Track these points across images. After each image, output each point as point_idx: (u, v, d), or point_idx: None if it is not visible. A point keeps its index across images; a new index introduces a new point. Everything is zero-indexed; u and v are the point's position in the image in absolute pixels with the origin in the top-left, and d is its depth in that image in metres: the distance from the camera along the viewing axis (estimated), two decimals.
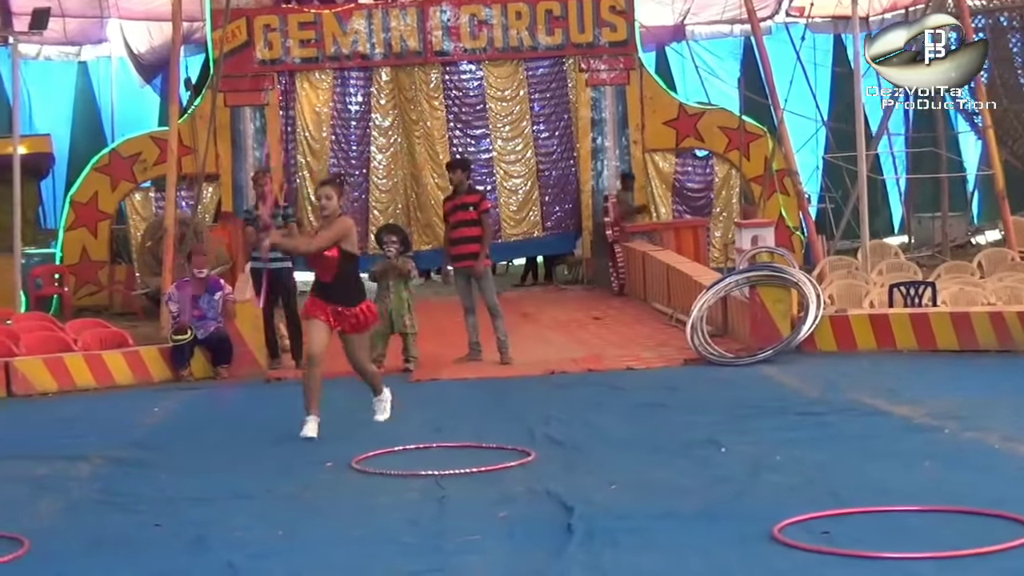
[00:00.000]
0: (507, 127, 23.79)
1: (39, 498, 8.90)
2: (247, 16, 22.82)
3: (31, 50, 25.56)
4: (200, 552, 7.29)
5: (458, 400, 12.52)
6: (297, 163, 23.45)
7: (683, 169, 23.83)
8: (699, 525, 7.33)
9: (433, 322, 16.16)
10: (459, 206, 14.66)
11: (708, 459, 9.19)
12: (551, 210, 23.93)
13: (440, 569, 6.77)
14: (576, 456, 9.49)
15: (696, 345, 14.12)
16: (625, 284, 20.84)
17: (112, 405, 13.25)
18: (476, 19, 23.32)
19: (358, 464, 9.40)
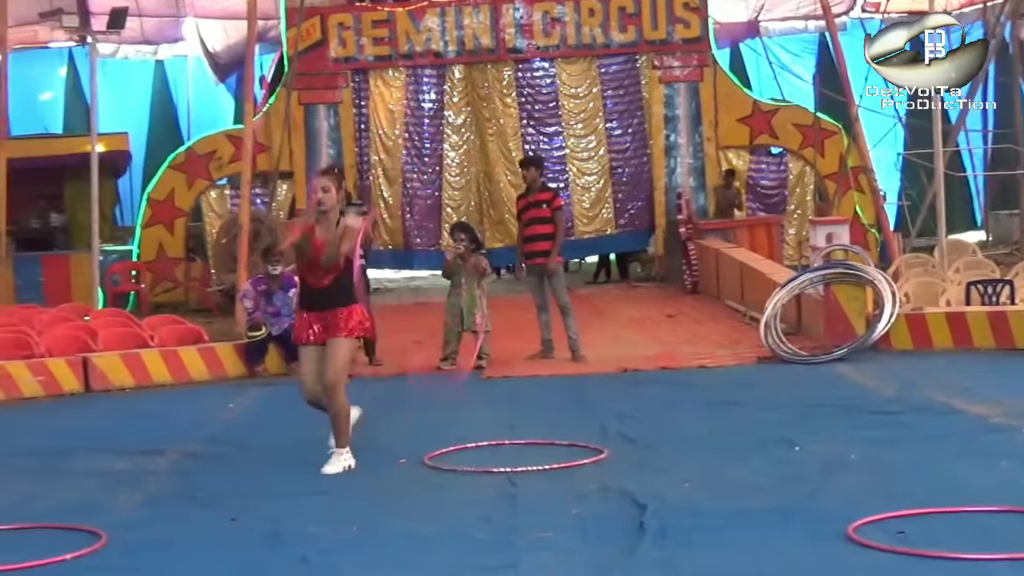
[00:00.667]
0: (580, 124, 23.77)
1: (117, 492, 8.99)
2: (321, 14, 22.96)
3: (109, 49, 25.85)
4: (274, 546, 7.34)
5: (531, 397, 12.51)
6: (370, 161, 23.55)
7: (757, 166, 23.72)
8: (773, 524, 7.28)
9: (506, 319, 16.17)
10: (532, 204, 14.65)
11: (782, 458, 9.13)
12: (624, 207, 23.89)
13: (512, 565, 6.77)
14: (649, 454, 9.46)
15: (770, 343, 14.04)
16: (698, 282, 20.76)
17: (188, 401, 13.37)
18: (549, 16, 23.32)
19: (431, 461, 9.42)
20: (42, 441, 11.28)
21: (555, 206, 14.62)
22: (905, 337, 14.23)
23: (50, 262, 21.78)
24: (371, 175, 23.54)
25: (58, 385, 13.97)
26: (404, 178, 23.70)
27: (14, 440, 11.36)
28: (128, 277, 22.22)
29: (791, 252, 22.46)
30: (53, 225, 23.37)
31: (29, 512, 8.27)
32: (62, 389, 13.96)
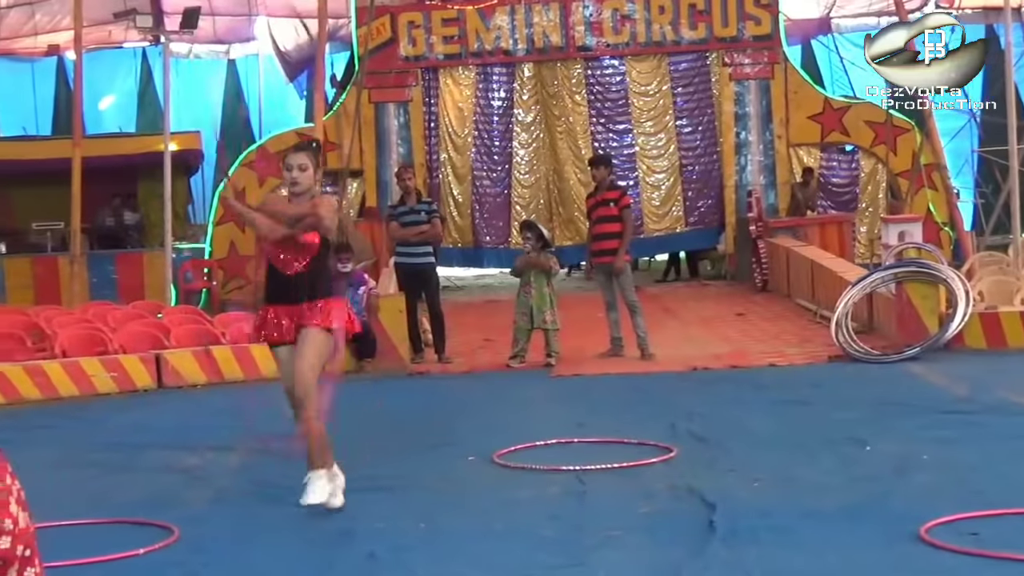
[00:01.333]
0: (650, 122, 23.71)
1: (189, 488, 9.07)
2: (391, 13, 23.05)
3: (182, 49, 26.13)
4: (343, 543, 7.38)
5: (600, 395, 12.50)
6: (440, 159, 23.62)
7: (828, 164, 23.57)
8: (843, 524, 7.23)
9: (575, 317, 16.16)
10: (600, 202, 14.64)
11: (853, 457, 9.06)
12: (694, 205, 23.81)
13: (580, 564, 6.76)
14: (718, 452, 9.42)
15: (841, 342, 13.93)
16: (768, 280, 20.65)
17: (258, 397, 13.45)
18: (619, 14, 23.28)
19: (500, 458, 9.43)
20: (116, 437, 11.40)
21: (623, 204, 14.60)
22: (978, 336, 14.08)
23: (124, 260, 22.00)
24: (440, 173, 23.61)
25: (131, 381, 14.12)
26: (473, 176, 23.75)
27: (89, 436, 11.49)
28: (200, 275, 22.41)
29: (863, 250, 22.29)
30: (127, 223, 23.61)
31: (103, 507, 8.36)
32: (135, 385, 14.10)
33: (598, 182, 14.86)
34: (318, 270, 8.02)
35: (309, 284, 7.96)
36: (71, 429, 11.72)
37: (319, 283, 8.02)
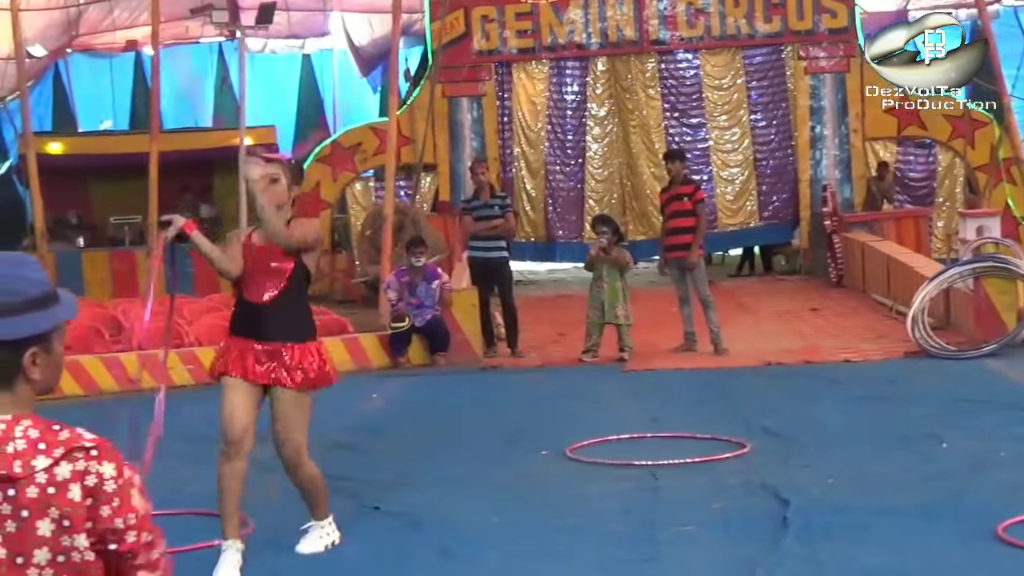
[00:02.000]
0: (724, 116, 23.61)
1: (263, 479, 9.13)
2: (465, 7, 23.08)
3: (257, 44, 26.32)
4: (415, 535, 7.42)
5: (673, 390, 12.46)
6: (513, 153, 23.63)
7: (905, 158, 23.34)
8: (919, 521, 7.18)
9: (648, 312, 16.13)
10: (674, 197, 14.60)
11: (928, 454, 8.98)
12: (768, 200, 23.68)
13: (653, 559, 6.76)
14: (792, 448, 9.38)
15: (917, 338, 13.80)
16: (843, 275, 20.50)
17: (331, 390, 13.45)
18: (693, 7, 23.18)
19: (572, 453, 9.43)
20: (193, 428, 11.49)
21: (696, 199, 14.55)
22: None
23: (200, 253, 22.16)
24: (514, 168, 23.63)
25: (206, 374, 14.22)
26: (547, 170, 23.75)
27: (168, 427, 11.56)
28: None
29: (939, 245, 22.06)
30: (203, 217, 23.83)
31: (179, 498, 8.45)
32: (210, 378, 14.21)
33: (672, 176, 14.82)
34: (291, 301, 6.97)
35: (277, 319, 6.91)
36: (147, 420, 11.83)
37: (290, 319, 6.97)
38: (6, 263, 2.73)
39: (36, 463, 2.58)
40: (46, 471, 2.58)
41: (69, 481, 2.59)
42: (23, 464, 2.57)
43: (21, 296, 2.67)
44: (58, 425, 2.65)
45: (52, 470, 2.59)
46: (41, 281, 2.73)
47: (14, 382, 2.67)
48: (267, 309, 6.89)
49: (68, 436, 2.63)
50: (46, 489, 2.58)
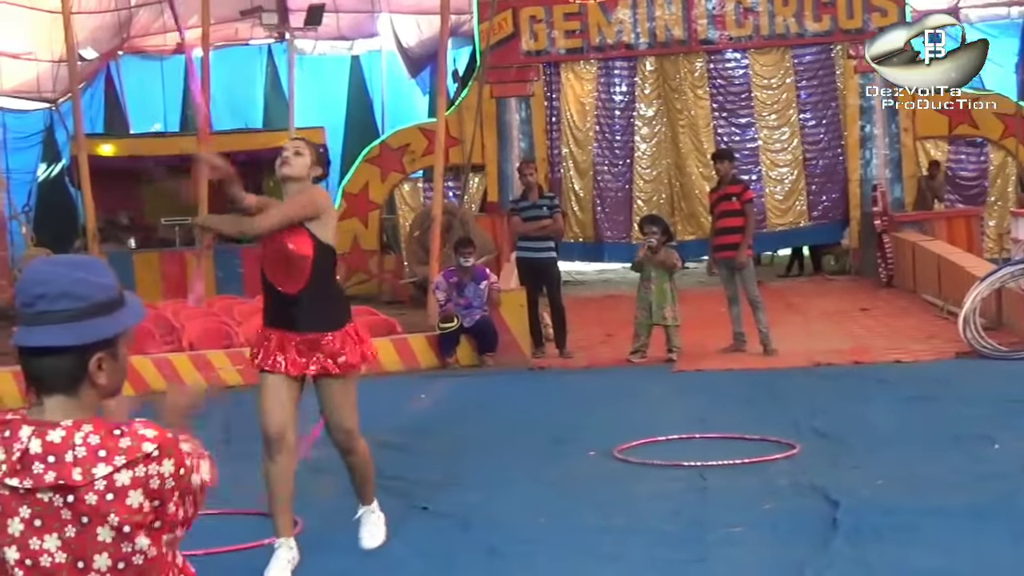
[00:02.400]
0: (773, 116, 23.52)
1: (313, 479, 9.17)
2: (513, 8, 23.10)
3: (306, 46, 26.44)
4: (465, 536, 7.42)
5: (722, 391, 12.42)
6: (561, 154, 23.63)
7: (956, 157, 23.17)
8: (969, 523, 7.12)
9: (697, 312, 16.08)
10: (723, 197, 14.56)
11: (980, 455, 8.91)
12: (817, 199, 23.57)
13: (702, 560, 6.74)
14: (842, 449, 9.33)
15: (968, 338, 13.70)
16: (894, 275, 20.38)
17: (380, 390, 13.52)
18: (742, 7, 23.11)
19: (621, 453, 9.42)
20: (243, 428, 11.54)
21: (745, 199, 14.51)
22: None
23: (250, 254, 22.29)
24: (562, 168, 23.63)
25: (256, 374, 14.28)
26: (595, 171, 23.74)
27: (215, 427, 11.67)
28: None
29: (991, 245, 21.91)
30: None
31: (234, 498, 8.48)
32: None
33: (721, 176, 14.79)
34: (320, 286, 6.75)
35: (316, 307, 6.74)
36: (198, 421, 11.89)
37: (327, 305, 6.81)
38: (73, 266, 2.71)
39: (96, 471, 2.58)
40: (106, 479, 2.58)
41: (129, 488, 2.60)
42: (83, 472, 2.57)
43: (87, 301, 2.67)
44: (119, 430, 2.64)
45: (112, 477, 2.59)
46: (108, 285, 2.73)
47: (79, 387, 2.68)
48: (299, 299, 6.70)
49: (129, 444, 2.62)
50: (105, 496, 2.58)
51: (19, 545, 2.59)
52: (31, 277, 2.70)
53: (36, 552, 2.59)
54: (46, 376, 2.67)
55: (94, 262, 2.78)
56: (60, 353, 2.66)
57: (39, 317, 2.65)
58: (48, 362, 2.66)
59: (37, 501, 2.58)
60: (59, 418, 2.64)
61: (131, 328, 2.79)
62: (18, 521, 2.59)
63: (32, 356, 2.67)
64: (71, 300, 2.65)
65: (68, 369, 2.66)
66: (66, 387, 2.67)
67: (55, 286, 2.66)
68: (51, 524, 2.59)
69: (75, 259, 2.78)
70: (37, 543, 2.59)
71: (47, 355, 2.66)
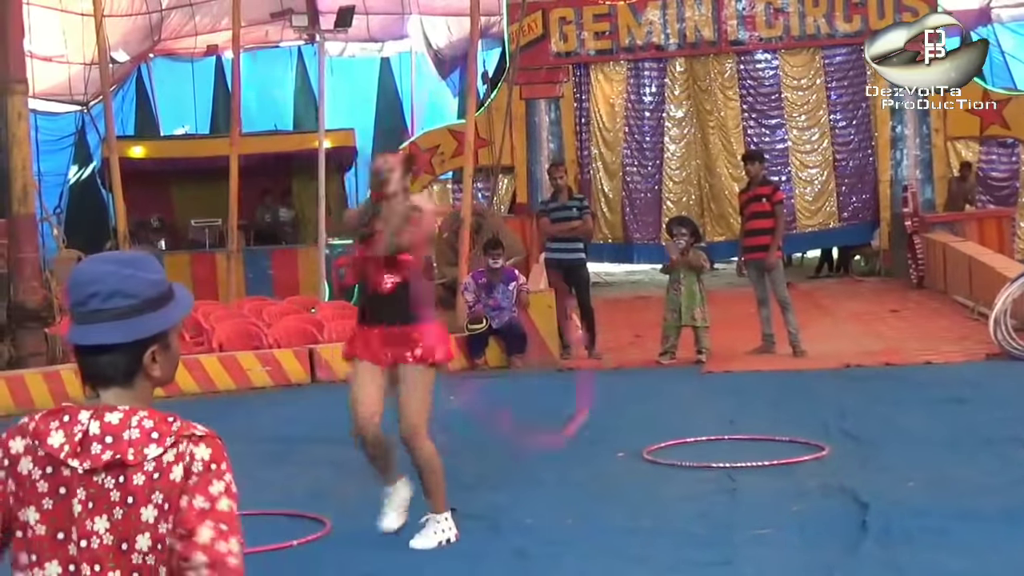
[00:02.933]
0: (803, 116, 23.45)
1: (341, 481, 9.20)
2: (543, 9, 23.10)
3: (336, 48, 26.47)
4: (493, 537, 7.43)
5: (751, 392, 12.39)
6: (591, 155, 23.62)
7: (987, 157, 23.04)
8: (1001, 526, 7.09)
9: (726, 314, 16.04)
10: (753, 198, 14.53)
11: (1012, 457, 8.86)
12: (847, 200, 23.48)
13: (729, 561, 6.73)
14: (871, 451, 9.29)
15: (999, 340, 13.63)
16: (924, 276, 20.29)
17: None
18: (772, 7, 23.05)
19: (650, 455, 9.41)
20: (272, 430, 11.61)
21: (775, 200, 14.47)
22: None
23: (279, 256, 22.39)
24: (591, 169, 23.61)
25: (285, 375, 14.36)
26: (624, 172, 23.71)
27: (246, 428, 11.70)
28: None
29: (1022, 246, 21.78)
30: (282, 220, 24.02)
31: (259, 499, 8.50)
32: (289, 379, 14.35)
33: (751, 178, 14.75)
34: (414, 286, 7.27)
35: (405, 303, 7.25)
36: (227, 422, 11.90)
37: (416, 303, 7.28)
38: (123, 264, 2.77)
39: (148, 451, 2.64)
40: (155, 460, 2.64)
41: (173, 464, 2.66)
42: (136, 452, 2.63)
43: (139, 298, 2.73)
44: (172, 417, 2.71)
45: (161, 458, 2.65)
46: (158, 281, 2.79)
47: (134, 380, 2.75)
48: (391, 297, 7.23)
49: (180, 426, 2.69)
50: (152, 475, 2.64)
51: (77, 526, 2.64)
52: (82, 278, 2.75)
53: (89, 533, 2.64)
54: (104, 371, 2.74)
55: (143, 258, 2.83)
56: (116, 350, 2.72)
57: (93, 315, 2.71)
58: (104, 359, 2.72)
59: (92, 483, 2.64)
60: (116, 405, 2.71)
61: (183, 319, 2.87)
62: (77, 502, 2.65)
63: (88, 354, 2.73)
64: (123, 298, 2.71)
65: (124, 365, 2.73)
66: (123, 380, 2.74)
67: (106, 284, 2.71)
68: (101, 506, 2.64)
69: (124, 256, 2.84)
70: (90, 525, 2.64)
71: (103, 353, 2.72)
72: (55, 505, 2.65)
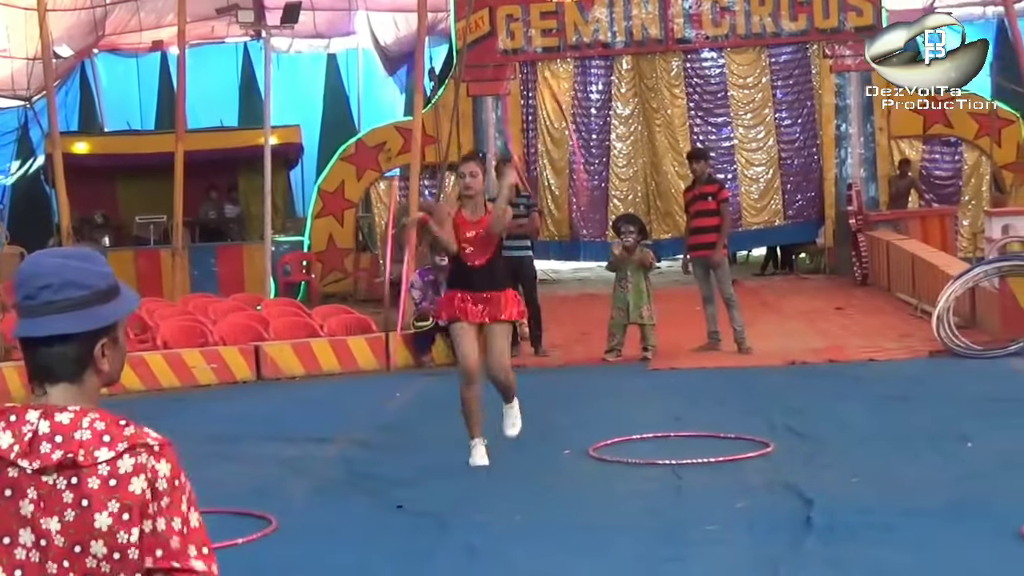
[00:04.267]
0: (749, 115, 23.53)
1: (287, 479, 9.17)
2: (490, 6, 23.06)
3: (283, 44, 26.34)
4: (442, 533, 7.42)
5: (697, 389, 12.43)
6: (537, 152, 23.61)
7: (931, 156, 23.22)
8: (945, 522, 7.15)
9: (672, 311, 16.09)
10: (698, 196, 14.57)
11: (954, 454, 8.94)
12: (793, 198, 23.59)
13: (679, 558, 6.75)
14: (816, 448, 9.35)
15: (942, 337, 13.74)
16: (868, 274, 20.43)
17: (355, 389, 13.56)
18: (718, 6, 23.11)
19: (596, 452, 9.43)
20: (216, 428, 11.54)
21: (721, 198, 14.53)
22: None
23: (224, 252, 22.27)
24: (538, 166, 23.60)
25: (231, 373, 14.29)
26: (571, 169, 23.71)
27: (190, 426, 11.61)
28: (299, 268, 22.60)
29: (965, 244, 21.95)
30: (228, 216, 23.89)
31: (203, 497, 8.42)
32: (234, 377, 14.28)
33: (696, 176, 14.80)
34: (497, 265, 9.46)
35: (489, 276, 9.34)
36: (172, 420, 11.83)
37: (497, 275, 9.45)
38: (76, 257, 2.78)
39: (99, 454, 2.61)
40: (108, 463, 2.62)
41: (132, 475, 2.63)
42: (87, 454, 2.61)
43: (91, 289, 2.73)
44: (124, 420, 2.68)
45: (115, 463, 2.62)
46: (108, 274, 2.80)
47: (84, 375, 2.73)
48: (482, 270, 9.32)
49: (133, 432, 2.66)
50: (108, 481, 2.61)
51: (32, 526, 2.62)
52: (32, 271, 2.75)
53: (43, 534, 2.62)
54: (54, 365, 2.72)
55: (91, 253, 2.85)
56: (68, 341, 2.71)
57: (45, 307, 2.70)
58: (56, 351, 2.71)
59: (43, 484, 2.62)
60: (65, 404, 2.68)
61: (129, 314, 2.89)
62: (27, 503, 2.62)
63: (40, 346, 2.72)
64: (76, 288, 2.71)
65: (75, 356, 2.72)
66: (72, 375, 2.72)
67: (59, 276, 2.72)
68: (52, 507, 2.61)
69: (71, 251, 2.84)
70: (45, 524, 2.61)
71: (55, 344, 2.71)
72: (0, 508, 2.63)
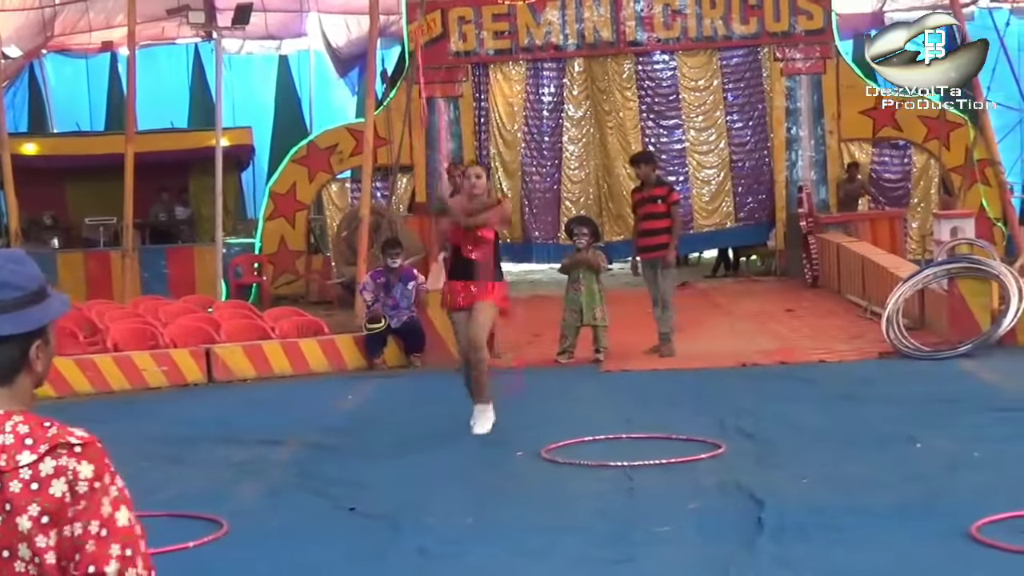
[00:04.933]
0: (700, 117, 23.62)
1: (238, 482, 9.13)
2: (442, 9, 23.05)
3: (234, 45, 26.23)
4: (394, 535, 7.41)
5: (648, 391, 12.46)
6: (489, 154, 23.61)
7: (880, 159, 23.37)
8: (893, 521, 7.20)
9: (622, 313, 16.12)
10: (648, 199, 14.60)
11: (903, 455, 9.01)
12: (744, 201, 23.69)
13: (630, 559, 6.77)
14: (767, 449, 9.39)
15: (892, 338, 13.84)
16: (819, 276, 20.54)
17: (308, 392, 13.51)
18: (670, 9, 23.17)
19: (548, 454, 9.43)
20: (167, 430, 11.47)
21: (671, 200, 14.55)
22: None
23: (175, 254, 22.16)
24: (490, 169, 23.59)
25: (182, 375, 14.22)
26: (523, 172, 23.73)
27: (140, 429, 11.56)
28: (251, 270, 22.52)
29: (914, 246, 22.11)
30: (178, 218, 23.78)
31: (154, 500, 8.41)
32: (185, 379, 14.20)
33: (643, 179, 14.82)
34: (487, 259, 10.47)
35: (483, 267, 10.42)
36: (122, 423, 11.78)
37: (490, 268, 10.51)
38: (7, 259, 2.76)
39: (21, 458, 2.58)
40: (30, 467, 2.57)
41: (52, 477, 2.58)
42: (8, 458, 2.57)
43: (25, 290, 2.71)
44: (49, 422, 2.64)
45: (36, 466, 2.58)
46: (38, 276, 2.78)
47: (16, 377, 2.71)
48: (478, 262, 10.40)
49: (55, 432, 2.61)
50: (30, 485, 2.57)
51: None
52: None
53: None
54: None
55: (20, 254, 2.82)
56: (4, 343, 2.69)
57: None
58: None
59: None
60: None
61: (61, 316, 2.85)
62: None
63: None
64: (11, 290, 2.69)
65: (12, 358, 2.70)
66: (4, 377, 2.70)
67: None
68: None
69: (5, 252, 2.82)
70: None
71: None
72: None
